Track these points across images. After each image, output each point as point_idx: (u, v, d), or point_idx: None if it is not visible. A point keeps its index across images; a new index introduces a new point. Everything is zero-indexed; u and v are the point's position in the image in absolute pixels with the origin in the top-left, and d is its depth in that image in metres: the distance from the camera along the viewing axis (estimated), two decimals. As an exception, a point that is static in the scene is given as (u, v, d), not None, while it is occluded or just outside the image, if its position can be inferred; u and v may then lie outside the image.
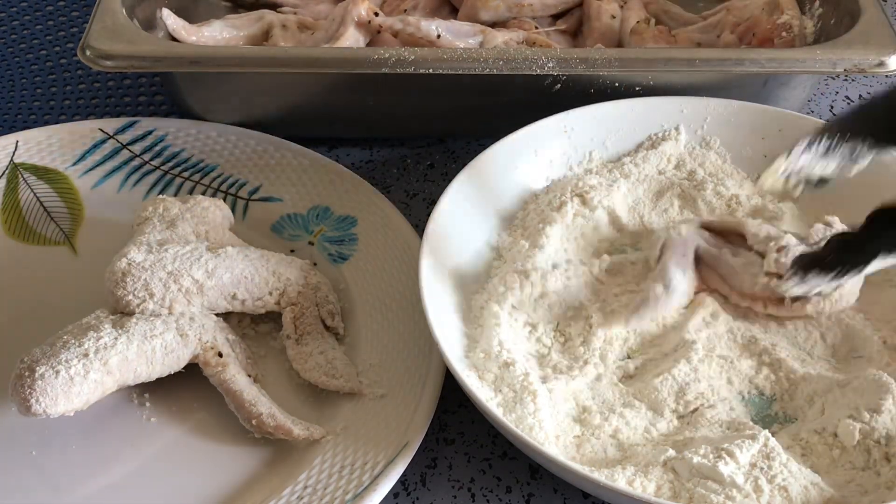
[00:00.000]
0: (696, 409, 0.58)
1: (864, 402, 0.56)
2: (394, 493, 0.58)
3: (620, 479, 0.52)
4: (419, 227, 0.67)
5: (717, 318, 0.63)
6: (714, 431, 0.57)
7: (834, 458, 0.55)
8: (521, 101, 0.74)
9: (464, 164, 0.66)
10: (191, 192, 0.73)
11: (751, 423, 0.57)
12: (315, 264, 0.68)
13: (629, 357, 0.62)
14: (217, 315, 0.62)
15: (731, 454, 0.53)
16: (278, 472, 0.57)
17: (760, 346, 0.61)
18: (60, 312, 0.61)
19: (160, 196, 0.68)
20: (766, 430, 0.55)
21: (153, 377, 0.59)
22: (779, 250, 0.61)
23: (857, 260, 0.55)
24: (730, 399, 0.59)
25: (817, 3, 0.81)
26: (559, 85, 0.74)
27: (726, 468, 0.52)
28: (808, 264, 0.57)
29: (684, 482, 0.52)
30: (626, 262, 0.66)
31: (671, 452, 0.54)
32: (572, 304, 0.63)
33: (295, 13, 0.84)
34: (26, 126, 0.81)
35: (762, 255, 0.62)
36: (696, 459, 0.53)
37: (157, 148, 0.76)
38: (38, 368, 0.54)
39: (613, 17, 0.82)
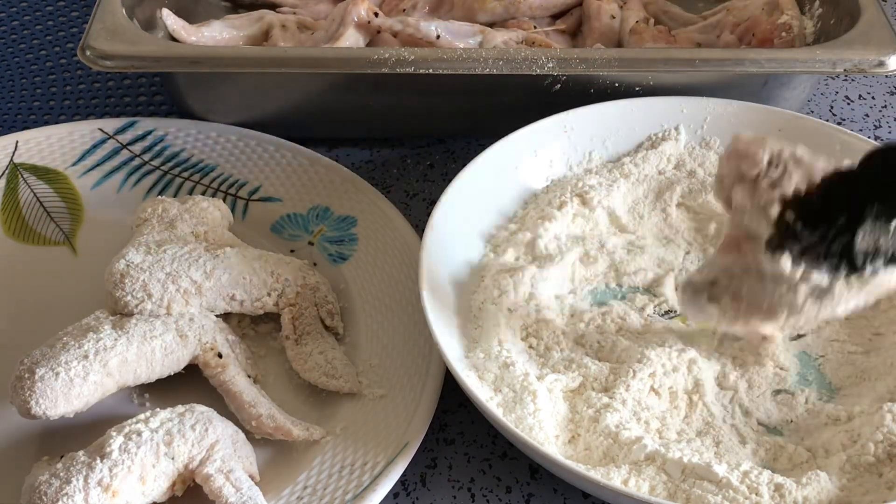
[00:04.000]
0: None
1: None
2: (394, 493, 0.58)
3: (616, 479, 0.52)
4: (419, 227, 0.67)
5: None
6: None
7: (833, 457, 0.55)
8: (521, 101, 0.74)
9: (464, 164, 0.66)
10: (190, 192, 0.73)
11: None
12: (315, 264, 0.68)
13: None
14: (217, 315, 0.62)
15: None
16: (278, 473, 0.57)
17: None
18: (60, 313, 0.61)
19: (159, 197, 0.68)
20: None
21: (153, 378, 0.59)
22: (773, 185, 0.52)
23: (848, 204, 0.49)
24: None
25: (817, 3, 0.81)
26: (559, 85, 0.74)
27: (720, 468, 0.52)
28: (798, 208, 0.51)
29: (678, 483, 0.52)
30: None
31: (658, 445, 0.54)
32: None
33: (295, 13, 0.84)
34: (26, 126, 0.81)
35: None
36: (686, 458, 0.53)
37: (157, 148, 0.76)
38: (37, 370, 0.54)
39: (613, 17, 0.82)
